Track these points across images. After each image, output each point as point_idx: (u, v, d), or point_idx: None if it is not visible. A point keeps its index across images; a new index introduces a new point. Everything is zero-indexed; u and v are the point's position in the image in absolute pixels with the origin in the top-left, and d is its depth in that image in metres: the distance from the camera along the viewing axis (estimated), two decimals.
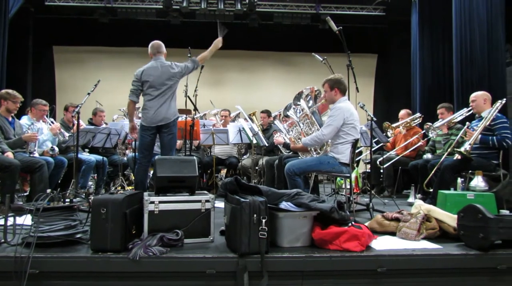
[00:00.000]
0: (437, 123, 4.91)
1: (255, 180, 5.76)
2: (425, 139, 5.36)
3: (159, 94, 4.09)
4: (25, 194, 4.50)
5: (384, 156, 5.35)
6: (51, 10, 9.00)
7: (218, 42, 4.40)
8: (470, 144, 3.92)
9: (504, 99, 4.22)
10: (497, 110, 4.06)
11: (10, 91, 4.32)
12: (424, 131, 5.08)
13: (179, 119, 5.43)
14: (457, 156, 4.03)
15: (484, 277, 2.43)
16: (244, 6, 8.82)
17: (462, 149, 3.92)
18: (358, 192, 5.38)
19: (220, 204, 3.23)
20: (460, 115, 4.81)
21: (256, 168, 5.99)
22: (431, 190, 4.31)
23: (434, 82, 7.44)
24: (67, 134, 4.83)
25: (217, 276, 2.30)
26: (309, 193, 2.89)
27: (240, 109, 6.14)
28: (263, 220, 2.32)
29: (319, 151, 3.91)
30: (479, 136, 3.98)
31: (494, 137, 3.97)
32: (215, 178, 6.02)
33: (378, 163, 5.27)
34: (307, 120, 4.11)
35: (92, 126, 5.31)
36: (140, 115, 4.68)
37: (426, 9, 7.69)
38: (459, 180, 3.67)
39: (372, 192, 4.66)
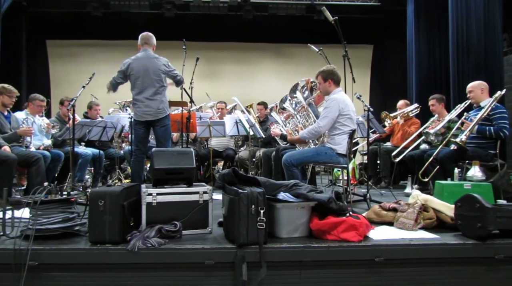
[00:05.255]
0: (436, 128, 4.60)
1: (252, 172, 5.76)
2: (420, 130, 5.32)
3: (146, 87, 4.05)
4: (23, 187, 4.49)
5: (391, 149, 5.29)
6: (44, 4, 8.88)
7: None
8: (466, 135, 3.92)
9: (504, 90, 4.20)
10: (495, 100, 4.04)
11: (5, 85, 4.33)
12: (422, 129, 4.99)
13: (175, 112, 5.42)
14: (453, 146, 4.03)
15: (481, 267, 2.44)
16: None
17: (458, 139, 3.92)
18: (355, 183, 5.38)
19: (217, 196, 3.23)
20: (455, 111, 4.70)
21: (254, 159, 5.98)
22: (426, 180, 4.31)
23: (431, 72, 7.43)
24: (54, 131, 4.84)
25: (215, 266, 2.30)
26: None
27: (236, 101, 6.11)
28: (261, 211, 2.32)
29: (316, 142, 3.91)
30: (476, 126, 3.98)
31: (492, 127, 3.97)
32: (212, 170, 6.02)
33: (392, 157, 5.04)
34: (303, 112, 4.10)
35: (88, 120, 5.28)
36: (131, 106, 4.68)
37: None
38: (456, 170, 3.68)
39: (369, 182, 4.67)
